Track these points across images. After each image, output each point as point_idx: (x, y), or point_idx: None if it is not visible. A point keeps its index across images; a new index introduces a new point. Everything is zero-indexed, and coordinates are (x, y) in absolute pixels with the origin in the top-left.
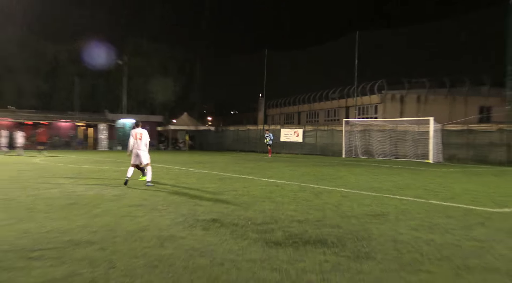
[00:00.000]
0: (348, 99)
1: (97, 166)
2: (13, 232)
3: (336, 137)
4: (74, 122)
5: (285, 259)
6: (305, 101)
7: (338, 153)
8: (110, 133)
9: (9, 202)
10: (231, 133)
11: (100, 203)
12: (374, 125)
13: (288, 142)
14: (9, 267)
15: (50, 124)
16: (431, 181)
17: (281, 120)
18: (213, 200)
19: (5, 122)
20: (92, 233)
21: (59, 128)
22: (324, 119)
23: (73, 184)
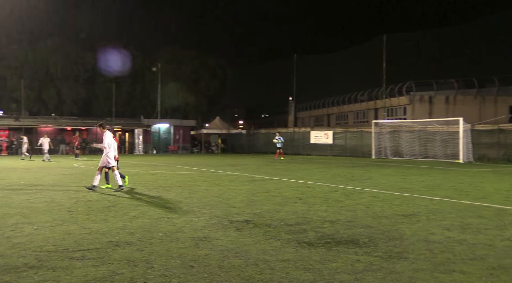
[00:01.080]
0: (376, 101)
1: (134, 169)
2: (57, 233)
3: (366, 138)
4: (111, 128)
5: (318, 259)
6: (335, 103)
7: (368, 154)
8: (146, 138)
9: (52, 204)
10: (262, 136)
11: (138, 205)
12: (403, 127)
13: (318, 143)
14: (53, 267)
15: (88, 130)
16: (462, 180)
17: (311, 123)
18: (246, 202)
19: (47, 128)
20: (130, 234)
21: (98, 134)
22: (353, 121)
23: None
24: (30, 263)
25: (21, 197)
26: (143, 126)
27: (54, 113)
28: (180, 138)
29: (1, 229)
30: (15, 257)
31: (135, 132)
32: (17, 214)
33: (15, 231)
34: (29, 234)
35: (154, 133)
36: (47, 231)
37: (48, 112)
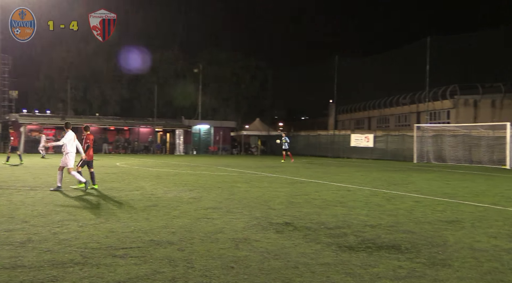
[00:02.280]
0: (419, 104)
1: (174, 170)
2: (100, 231)
3: (407, 142)
4: (153, 128)
5: (359, 263)
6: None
7: (409, 158)
8: (186, 138)
9: (96, 203)
10: (302, 138)
11: (178, 205)
12: (447, 131)
13: (359, 147)
14: (97, 264)
15: (130, 130)
16: (509, 187)
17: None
18: (286, 204)
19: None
20: (171, 234)
21: (139, 134)
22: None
23: (152, 186)
24: (76, 259)
25: (65, 194)
26: (184, 127)
27: (98, 113)
28: (220, 139)
29: (49, 225)
30: (62, 253)
31: (176, 133)
32: (63, 211)
33: (61, 228)
34: (74, 231)
35: (195, 134)
36: (91, 229)
37: (93, 112)
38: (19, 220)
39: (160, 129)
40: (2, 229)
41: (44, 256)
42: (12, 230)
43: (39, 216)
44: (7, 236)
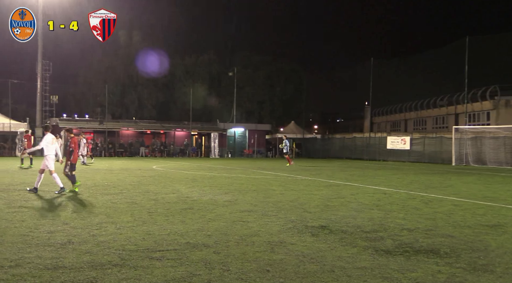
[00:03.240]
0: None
1: (209, 173)
2: (137, 233)
3: (445, 144)
4: (188, 132)
5: (396, 268)
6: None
7: (448, 161)
8: (221, 142)
9: (133, 205)
10: (337, 141)
11: (214, 208)
12: (487, 133)
13: (395, 149)
14: (135, 266)
15: (166, 134)
16: None
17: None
18: (321, 207)
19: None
20: (207, 237)
21: (175, 137)
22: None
23: (188, 189)
24: (114, 261)
25: (104, 197)
26: (219, 130)
27: (135, 117)
28: (255, 142)
29: (88, 227)
30: (101, 255)
31: (211, 136)
32: (101, 213)
33: (99, 230)
34: (112, 233)
35: (230, 137)
36: (129, 231)
37: (129, 116)
38: (60, 222)
39: (195, 132)
40: (44, 230)
41: (84, 258)
42: (53, 232)
43: (78, 218)
44: (49, 237)
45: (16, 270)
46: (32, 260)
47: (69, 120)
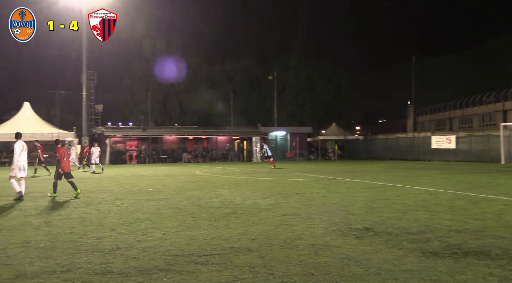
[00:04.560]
0: (505, 102)
1: (252, 177)
2: (182, 238)
3: (493, 142)
4: (230, 136)
5: (444, 270)
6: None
7: (496, 159)
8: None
9: (177, 211)
10: (380, 141)
11: (257, 212)
12: None
13: (440, 149)
14: (180, 270)
15: (208, 139)
16: None
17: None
18: (365, 209)
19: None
20: (251, 241)
21: (217, 142)
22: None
23: (231, 194)
24: (160, 266)
25: (149, 203)
26: (261, 134)
27: (177, 123)
28: (296, 145)
29: (134, 232)
30: (147, 260)
31: (252, 140)
32: (147, 219)
33: (145, 235)
34: (157, 239)
35: (271, 140)
36: (174, 236)
37: (172, 123)
38: (107, 228)
39: (237, 137)
40: (92, 236)
41: (131, 263)
42: (101, 238)
43: (124, 224)
44: (97, 243)
45: (67, 275)
46: (82, 265)
47: (114, 129)
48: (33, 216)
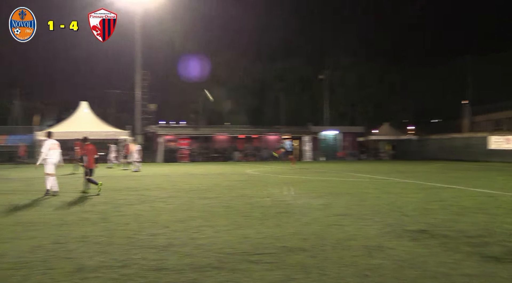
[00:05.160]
0: None
1: (303, 176)
2: (234, 237)
3: None
4: (280, 135)
5: (507, 276)
6: None
7: None
8: (314, 145)
9: (229, 209)
10: (434, 142)
11: (309, 212)
12: None
13: (499, 149)
14: (233, 269)
15: (259, 138)
16: None
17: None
18: (420, 210)
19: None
20: (303, 240)
21: (268, 141)
22: None
23: (282, 193)
24: (213, 263)
25: (202, 201)
26: (312, 134)
27: (228, 122)
28: (348, 145)
29: (187, 230)
30: (200, 257)
31: (303, 140)
32: (199, 217)
33: (198, 233)
34: (210, 236)
35: (322, 140)
36: (226, 234)
37: (223, 122)
38: (161, 225)
39: (287, 136)
40: (147, 233)
41: (185, 260)
42: (155, 235)
43: (178, 222)
44: (151, 240)
45: (124, 270)
46: (137, 261)
47: (166, 127)
48: (91, 212)
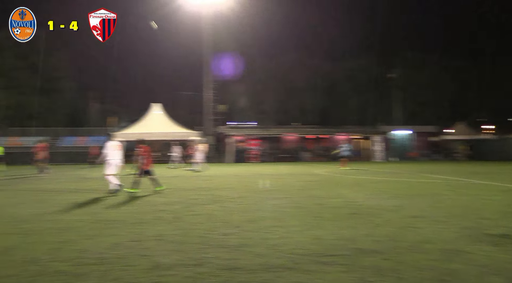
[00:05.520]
0: None
1: (374, 177)
2: (306, 237)
3: None
4: (350, 135)
5: None
6: None
7: None
8: (384, 145)
9: (300, 209)
10: None
11: (381, 213)
12: None
13: None
14: (306, 270)
15: (327, 138)
16: None
17: None
18: (500, 214)
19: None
20: (376, 242)
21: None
22: None
23: (353, 194)
24: (285, 264)
25: (272, 201)
26: (381, 133)
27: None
28: (420, 144)
29: (258, 230)
30: (272, 258)
31: (373, 140)
32: (270, 217)
33: (270, 233)
34: (282, 237)
35: (393, 140)
36: (297, 235)
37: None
38: (233, 225)
39: (357, 136)
40: (219, 232)
41: (257, 260)
42: (227, 234)
43: (249, 222)
44: (224, 239)
45: (198, 269)
46: (211, 260)
47: (235, 128)
48: (164, 211)
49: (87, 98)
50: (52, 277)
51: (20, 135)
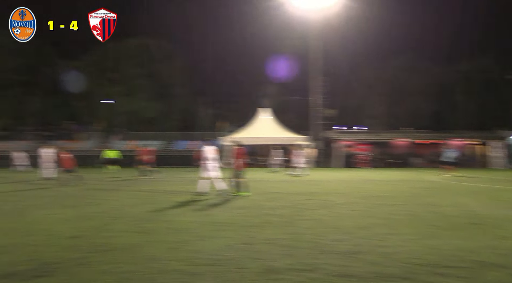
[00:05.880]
0: None
1: (494, 185)
2: (421, 247)
3: None
4: (464, 141)
5: None
6: None
7: None
8: (504, 151)
9: (413, 217)
10: None
11: (504, 224)
12: None
13: None
14: (422, 280)
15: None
16: None
17: None
18: None
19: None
20: (500, 255)
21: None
22: None
23: (472, 203)
24: (399, 273)
25: (384, 208)
26: (500, 139)
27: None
28: None
29: (370, 237)
30: (385, 266)
31: (490, 145)
32: (382, 224)
33: (382, 241)
34: (395, 245)
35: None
36: (412, 244)
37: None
38: (344, 231)
39: (472, 142)
40: (330, 238)
41: (370, 268)
42: (339, 240)
43: (360, 228)
44: (335, 245)
45: (311, 274)
46: (322, 266)
47: (342, 133)
48: (274, 215)
49: (198, 103)
50: (170, 275)
51: (139, 139)
